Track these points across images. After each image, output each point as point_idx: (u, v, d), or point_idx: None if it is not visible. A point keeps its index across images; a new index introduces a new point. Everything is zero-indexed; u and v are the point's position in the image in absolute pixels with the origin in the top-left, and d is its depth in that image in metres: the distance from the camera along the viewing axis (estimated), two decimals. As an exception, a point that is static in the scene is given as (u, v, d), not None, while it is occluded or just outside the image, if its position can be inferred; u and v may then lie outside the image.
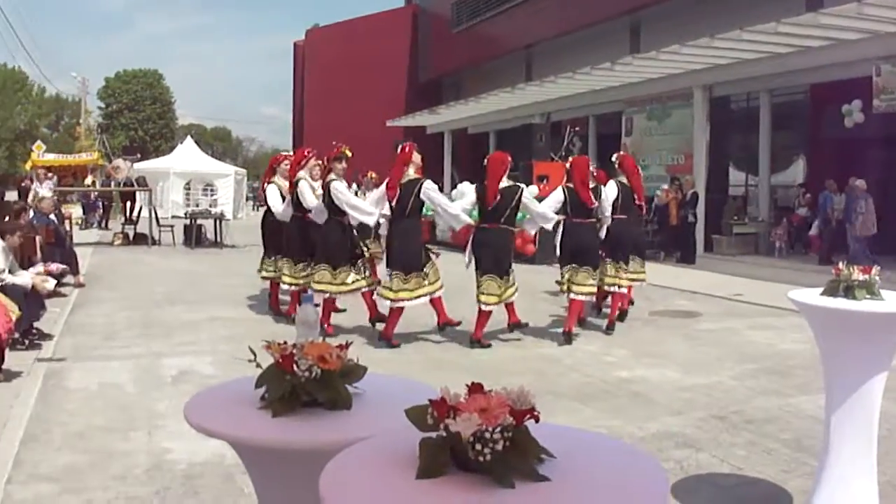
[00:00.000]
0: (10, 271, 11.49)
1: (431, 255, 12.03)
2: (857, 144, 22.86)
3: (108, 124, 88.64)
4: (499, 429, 2.29)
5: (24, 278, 11.56)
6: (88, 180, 39.48)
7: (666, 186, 25.05)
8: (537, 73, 37.20)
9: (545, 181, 19.49)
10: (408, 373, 9.74)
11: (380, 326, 12.20)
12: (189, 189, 41.41)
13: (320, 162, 13.13)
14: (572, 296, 12.42)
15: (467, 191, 12.98)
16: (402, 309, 11.68)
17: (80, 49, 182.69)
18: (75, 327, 13.10)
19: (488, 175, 11.87)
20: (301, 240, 12.98)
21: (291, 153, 15.59)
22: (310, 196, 12.62)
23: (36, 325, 11.85)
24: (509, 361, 11.07)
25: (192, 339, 12.22)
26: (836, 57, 20.84)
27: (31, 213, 17.26)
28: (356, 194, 14.31)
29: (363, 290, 12.36)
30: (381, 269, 13.34)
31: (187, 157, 43.36)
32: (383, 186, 12.08)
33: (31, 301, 11.37)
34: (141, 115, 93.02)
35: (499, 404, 2.33)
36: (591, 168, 12.77)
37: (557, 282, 12.97)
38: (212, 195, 40.79)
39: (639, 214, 14.24)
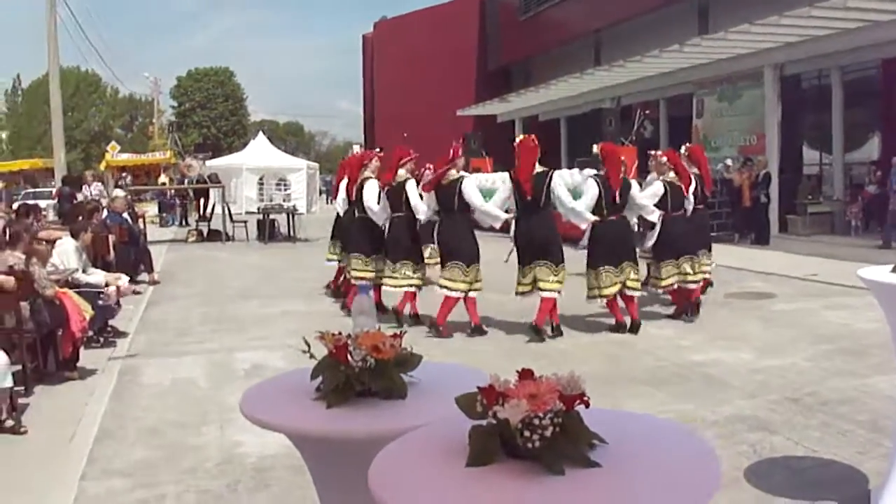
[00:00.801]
0: (83, 270, 11.64)
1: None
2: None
3: (181, 122, 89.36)
4: (548, 415, 2.27)
5: (98, 277, 11.71)
6: (162, 178, 39.92)
7: (730, 162, 24.82)
8: (606, 57, 36.90)
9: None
10: (482, 362, 9.70)
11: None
12: (262, 184, 41.49)
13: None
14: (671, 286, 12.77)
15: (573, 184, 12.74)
16: (554, 299, 11.60)
17: (151, 50, 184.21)
18: (150, 324, 13.25)
19: (610, 167, 11.81)
20: (413, 239, 12.71)
21: (376, 149, 15.38)
22: (414, 197, 12.35)
23: (111, 322, 12.02)
24: (583, 348, 11.03)
25: (265, 333, 12.30)
26: (908, 31, 20.54)
27: (105, 213, 17.46)
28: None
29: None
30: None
31: (260, 152, 43.30)
32: (505, 188, 11.90)
33: (106, 299, 11.50)
34: (213, 112, 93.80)
35: (548, 390, 2.31)
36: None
37: (653, 278, 13.14)
38: (285, 190, 40.90)
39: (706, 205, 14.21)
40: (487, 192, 12.64)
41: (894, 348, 5.50)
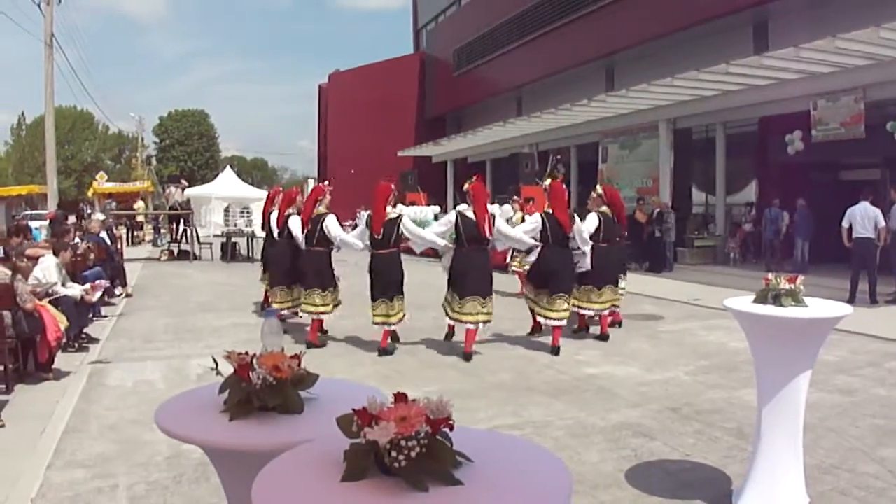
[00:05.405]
0: (62, 284, 11.45)
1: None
2: (798, 168, 22.99)
3: (161, 156, 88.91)
4: (415, 437, 2.14)
5: (75, 290, 11.50)
6: (138, 205, 39.61)
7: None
8: (526, 109, 37.25)
9: (531, 202, 19.42)
10: (406, 372, 9.74)
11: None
12: (228, 211, 41.61)
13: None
14: (552, 322, 11.48)
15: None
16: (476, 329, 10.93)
17: (138, 93, 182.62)
18: (120, 332, 13.06)
19: (476, 204, 10.82)
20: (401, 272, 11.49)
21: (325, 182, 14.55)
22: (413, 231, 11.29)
23: (86, 330, 11.91)
24: (493, 361, 10.84)
25: (217, 342, 12.06)
26: (780, 94, 20.95)
27: (83, 235, 17.21)
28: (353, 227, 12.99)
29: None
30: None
31: (227, 184, 43.52)
32: (447, 221, 11.17)
33: (81, 310, 11.39)
34: (190, 148, 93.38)
35: (416, 414, 2.18)
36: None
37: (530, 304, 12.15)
38: (248, 216, 40.99)
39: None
40: (420, 222, 12.43)
41: (754, 367, 5.49)
